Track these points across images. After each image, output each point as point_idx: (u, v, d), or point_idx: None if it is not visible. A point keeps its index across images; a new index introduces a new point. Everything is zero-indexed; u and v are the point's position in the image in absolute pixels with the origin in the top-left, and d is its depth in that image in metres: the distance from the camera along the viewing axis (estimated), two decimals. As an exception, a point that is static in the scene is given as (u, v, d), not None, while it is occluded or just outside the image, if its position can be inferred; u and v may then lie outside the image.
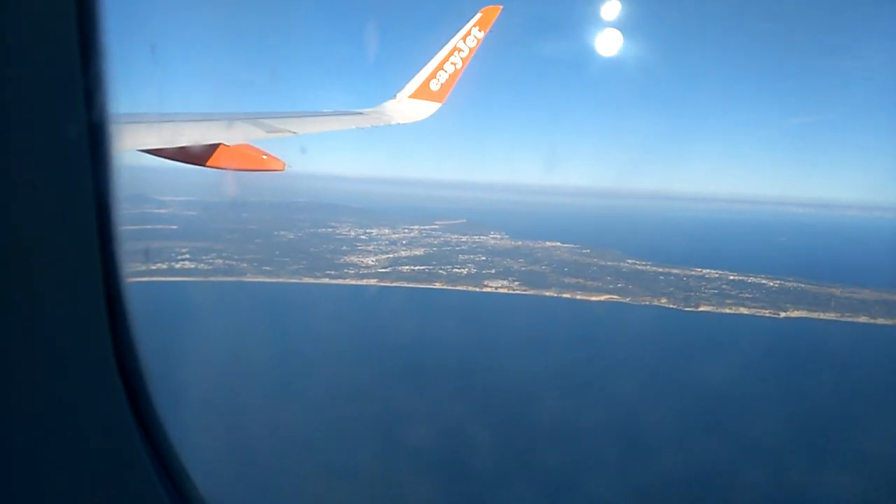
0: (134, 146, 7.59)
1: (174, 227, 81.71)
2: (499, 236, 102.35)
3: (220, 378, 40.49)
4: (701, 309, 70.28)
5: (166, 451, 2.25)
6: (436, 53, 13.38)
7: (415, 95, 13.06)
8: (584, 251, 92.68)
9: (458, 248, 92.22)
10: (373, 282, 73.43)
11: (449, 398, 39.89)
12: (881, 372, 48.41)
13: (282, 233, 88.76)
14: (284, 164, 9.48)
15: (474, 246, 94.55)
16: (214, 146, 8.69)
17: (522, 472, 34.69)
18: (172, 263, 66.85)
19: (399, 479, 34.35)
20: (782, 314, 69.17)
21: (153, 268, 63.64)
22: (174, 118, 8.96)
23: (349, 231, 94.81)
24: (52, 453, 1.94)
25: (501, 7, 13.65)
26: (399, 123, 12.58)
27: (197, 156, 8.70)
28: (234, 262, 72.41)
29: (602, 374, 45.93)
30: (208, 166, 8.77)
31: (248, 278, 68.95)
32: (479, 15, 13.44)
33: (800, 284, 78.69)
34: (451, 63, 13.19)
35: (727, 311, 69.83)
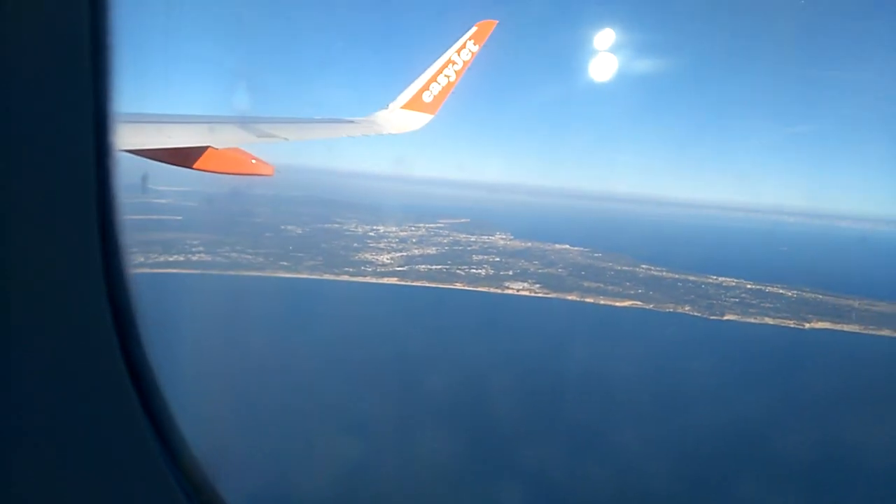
0: (119, 146, 6.74)
1: (179, 217, 79.85)
2: (505, 237, 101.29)
3: (260, 376, 39.01)
4: (726, 318, 69.47)
5: (179, 446, 2.16)
6: (431, 65, 13.28)
7: (407, 106, 13.01)
8: (596, 255, 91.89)
9: (469, 248, 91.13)
10: (393, 280, 71.77)
11: (523, 406, 38.90)
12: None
13: (289, 227, 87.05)
14: (273, 169, 9.50)
15: (485, 246, 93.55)
16: (203, 149, 8.58)
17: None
18: (189, 256, 64.98)
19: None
20: (807, 325, 68.47)
21: (171, 259, 61.88)
22: (161, 119, 8.82)
23: (356, 227, 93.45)
24: (60, 455, 1.94)
25: (497, 22, 13.62)
26: (390, 133, 12.61)
27: (184, 157, 8.59)
28: (251, 256, 70.53)
29: (663, 385, 44.91)
30: (195, 168, 8.68)
31: (269, 273, 67.02)
32: (474, 28, 13.33)
33: (817, 295, 78.23)
34: (445, 75, 13.13)
35: (752, 320, 69.01)
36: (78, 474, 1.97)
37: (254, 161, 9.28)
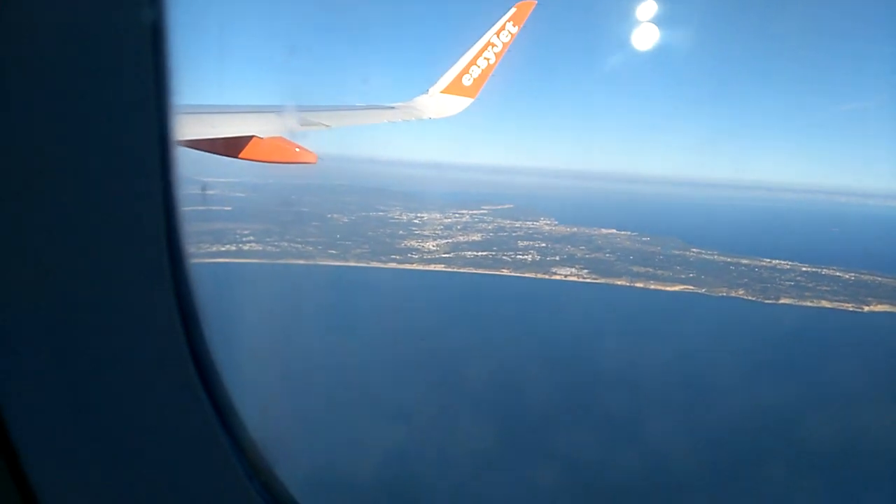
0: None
1: (228, 208, 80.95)
2: (550, 222, 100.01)
3: (323, 366, 39.39)
4: (782, 301, 67.87)
5: (239, 430, 2.26)
6: (470, 48, 13.25)
7: (447, 90, 12.99)
8: (644, 239, 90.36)
9: (514, 234, 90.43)
10: (440, 267, 71.92)
11: (595, 392, 38.67)
12: None
13: (335, 216, 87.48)
14: (317, 157, 9.65)
15: (530, 232, 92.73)
16: (248, 138, 8.75)
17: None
18: (240, 245, 65.97)
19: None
20: (866, 308, 66.44)
21: (223, 249, 62.87)
22: (207, 110, 8.84)
23: (401, 215, 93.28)
24: (132, 438, 2.05)
25: (536, 2, 13.39)
26: (430, 118, 12.57)
27: (229, 147, 8.76)
28: (300, 245, 71.28)
29: (728, 370, 44.02)
30: (241, 158, 8.86)
31: (319, 262, 67.73)
32: (513, 10, 13.21)
33: (875, 277, 75.66)
34: (485, 58, 13.03)
35: (809, 304, 67.23)
36: (149, 456, 2.09)
37: (297, 149, 9.43)
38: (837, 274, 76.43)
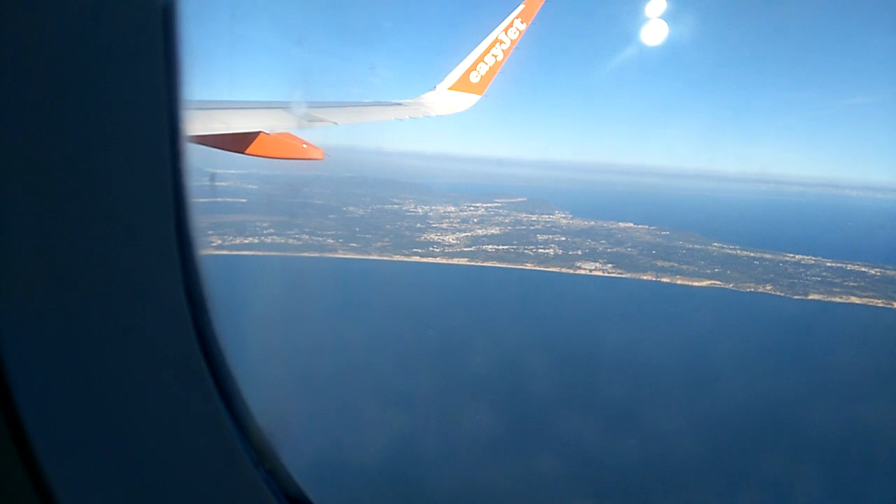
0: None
1: (243, 200, 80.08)
2: (566, 215, 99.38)
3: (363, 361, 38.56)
4: (811, 297, 66.96)
5: (247, 420, 2.28)
6: (478, 44, 13.15)
7: (455, 87, 12.96)
8: (664, 233, 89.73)
9: (532, 228, 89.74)
10: (463, 261, 71.03)
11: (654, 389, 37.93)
12: None
13: (350, 208, 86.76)
14: (323, 154, 9.66)
15: (547, 225, 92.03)
16: (255, 134, 8.77)
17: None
18: (262, 238, 65.06)
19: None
20: (896, 304, 65.69)
21: (245, 241, 62.03)
22: (215, 106, 8.86)
23: (416, 208, 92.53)
24: (142, 427, 2.08)
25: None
26: (438, 115, 12.53)
27: (237, 143, 8.75)
28: (320, 238, 70.41)
29: (781, 370, 43.45)
30: (248, 154, 8.88)
31: (342, 255, 66.82)
32: (521, 6, 13.12)
33: (901, 273, 74.95)
34: (492, 55, 12.99)
35: (838, 300, 66.30)
36: (156, 443, 2.07)
37: (304, 146, 9.41)
38: (863, 269, 75.40)
